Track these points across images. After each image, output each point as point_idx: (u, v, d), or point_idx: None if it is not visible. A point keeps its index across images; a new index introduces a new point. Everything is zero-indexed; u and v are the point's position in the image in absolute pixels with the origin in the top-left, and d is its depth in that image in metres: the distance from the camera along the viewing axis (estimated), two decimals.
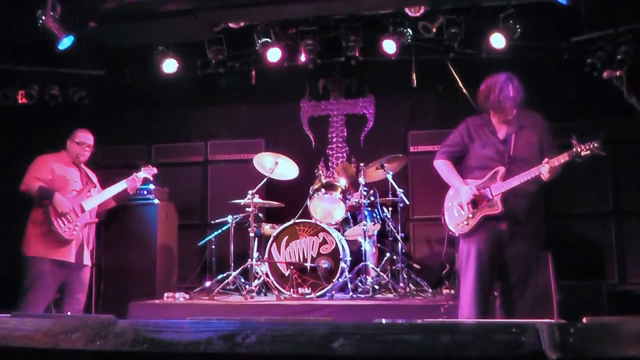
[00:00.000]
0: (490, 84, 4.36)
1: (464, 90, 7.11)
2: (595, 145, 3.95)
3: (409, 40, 6.99)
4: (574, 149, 4.00)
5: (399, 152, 6.76)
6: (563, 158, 4.03)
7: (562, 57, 6.75)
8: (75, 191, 5.18)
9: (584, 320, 2.60)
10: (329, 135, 8.03)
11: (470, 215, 4.34)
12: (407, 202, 6.36)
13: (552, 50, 6.80)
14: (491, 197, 4.27)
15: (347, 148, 7.96)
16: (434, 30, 6.77)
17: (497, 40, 6.64)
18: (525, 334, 2.25)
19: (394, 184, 6.37)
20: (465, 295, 4.28)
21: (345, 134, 8.00)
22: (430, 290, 6.11)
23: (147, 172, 5.72)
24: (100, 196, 5.35)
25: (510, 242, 4.24)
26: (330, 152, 7.99)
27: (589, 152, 3.97)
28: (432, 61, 7.24)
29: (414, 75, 7.23)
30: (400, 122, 7.78)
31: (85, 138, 5.36)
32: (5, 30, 6.48)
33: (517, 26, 6.55)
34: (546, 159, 4.06)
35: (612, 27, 6.35)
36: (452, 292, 6.03)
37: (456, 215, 4.46)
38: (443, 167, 4.62)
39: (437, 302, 5.58)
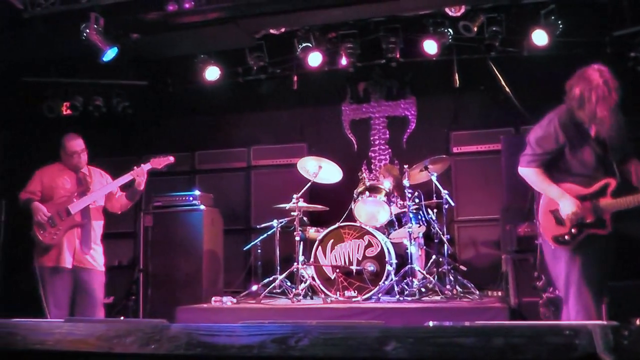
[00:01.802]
0: (580, 74, 3.85)
1: (507, 89, 7.09)
2: None
3: (450, 40, 7.00)
4: None
5: (442, 153, 6.80)
6: None
7: (604, 51, 6.65)
8: (65, 197, 5.14)
9: (638, 322, 2.58)
10: (371, 138, 8.09)
11: (574, 231, 3.84)
12: (452, 204, 6.34)
13: (594, 45, 6.72)
14: (601, 214, 3.78)
15: (389, 150, 8.00)
16: (475, 29, 6.75)
17: (539, 37, 6.61)
18: (579, 336, 2.25)
19: (438, 185, 6.38)
20: (571, 312, 3.85)
21: (387, 136, 8.04)
22: (477, 292, 6.09)
23: (156, 164, 5.45)
24: (93, 196, 5.19)
25: (620, 266, 3.87)
26: (373, 155, 8.04)
27: None
28: (474, 61, 7.25)
29: (456, 75, 7.24)
30: (443, 123, 7.81)
31: (73, 147, 5.21)
32: (50, 44, 6.67)
33: (559, 22, 6.52)
34: None
35: None
36: (501, 294, 6.05)
37: (556, 225, 3.92)
38: (534, 176, 4.01)
39: (485, 304, 5.59)
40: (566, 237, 3.85)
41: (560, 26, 6.54)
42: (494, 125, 7.44)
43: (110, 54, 6.38)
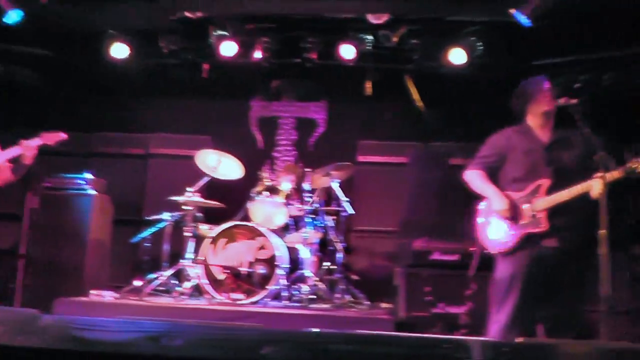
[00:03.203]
0: (527, 82, 4.37)
1: (419, 104, 7.21)
2: None
3: (369, 48, 7.02)
4: (630, 164, 3.80)
5: (348, 161, 6.77)
6: (617, 174, 3.82)
7: (521, 79, 6.83)
8: None
9: (518, 340, 2.68)
10: (277, 138, 8.04)
11: (512, 233, 4.17)
12: (352, 212, 6.38)
13: (513, 71, 6.85)
14: (534, 212, 4.11)
15: (295, 152, 7.98)
16: (395, 39, 6.83)
17: (457, 56, 6.79)
18: (458, 350, 2.32)
19: (339, 192, 6.38)
20: (502, 321, 4.12)
21: (295, 137, 8.02)
22: (366, 303, 6.15)
23: (47, 139, 5.32)
24: None
25: (557, 262, 4.08)
26: (277, 155, 7.99)
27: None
28: (390, 71, 7.33)
29: (369, 83, 7.31)
30: (352, 131, 7.84)
31: None
32: None
33: (479, 44, 6.70)
34: (599, 173, 3.80)
35: (574, 54, 6.58)
36: (392, 306, 6.11)
37: (493, 231, 4.28)
38: (476, 177, 4.45)
39: (373, 315, 5.65)
40: (504, 240, 4.17)
41: (480, 48, 6.71)
42: (403, 138, 7.53)
43: (13, 16, 6.05)
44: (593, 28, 6.22)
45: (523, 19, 5.62)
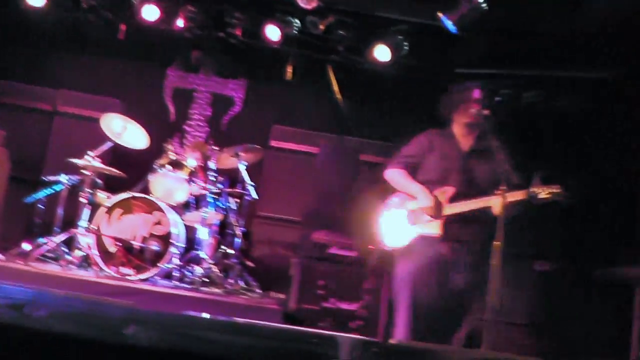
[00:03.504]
0: (457, 88, 4.49)
1: (338, 96, 7.23)
2: (556, 191, 3.86)
3: (295, 32, 6.96)
4: (533, 189, 3.90)
5: (260, 145, 6.69)
6: (519, 195, 3.92)
7: (444, 84, 6.91)
8: None
9: (391, 341, 2.70)
10: (191, 112, 7.87)
11: (409, 232, 4.31)
12: (256, 197, 6.31)
13: (435, 76, 6.95)
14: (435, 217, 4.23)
15: (207, 128, 7.84)
16: (322, 27, 6.79)
17: (382, 53, 6.80)
18: (325, 346, 2.32)
19: (245, 175, 6.30)
20: (401, 318, 4.23)
21: (209, 113, 7.88)
22: (259, 291, 6.11)
23: None
24: None
25: (453, 269, 4.19)
26: (188, 130, 7.83)
27: (548, 195, 3.87)
28: (313, 59, 7.28)
29: (290, 68, 7.26)
30: (268, 114, 7.78)
31: None
32: None
33: (406, 44, 6.75)
34: (500, 191, 3.88)
35: (498, 68, 6.73)
36: (284, 297, 6.11)
37: (393, 230, 4.41)
38: (399, 175, 4.51)
39: (262, 304, 5.60)
40: (400, 238, 4.30)
41: (406, 48, 6.76)
42: (318, 128, 7.55)
43: None
44: (519, 45, 6.40)
45: (450, 25, 5.67)
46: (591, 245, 6.63)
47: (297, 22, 6.90)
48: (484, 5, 5.38)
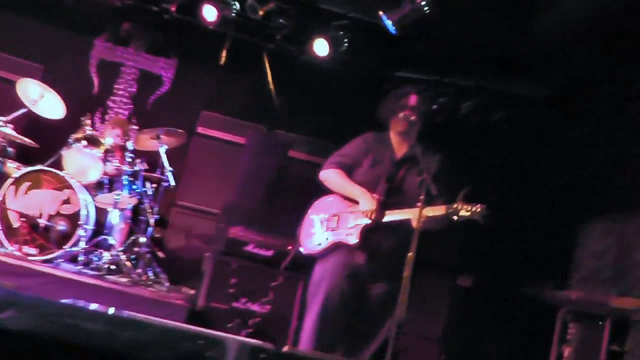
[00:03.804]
0: (395, 94, 4.56)
1: (272, 86, 7.26)
2: (478, 209, 3.88)
3: (233, 15, 6.88)
4: (455, 205, 3.93)
5: (186, 129, 6.65)
6: (439, 210, 3.99)
7: (383, 85, 6.82)
8: None
9: (285, 348, 2.76)
10: (116, 86, 7.76)
11: (326, 237, 4.37)
12: (173, 184, 6.26)
13: (374, 76, 7.14)
14: (353, 225, 4.29)
15: (131, 106, 7.75)
16: (261, 13, 6.76)
17: (321, 47, 6.83)
18: (211, 348, 2.35)
19: (165, 159, 6.25)
20: (309, 324, 4.29)
21: (134, 90, 7.80)
22: (167, 285, 6.07)
23: None
24: None
25: (369, 280, 4.28)
26: (111, 105, 7.72)
27: (468, 214, 3.90)
28: (250, 45, 7.26)
29: (225, 52, 7.24)
30: (197, 98, 7.75)
31: None
32: None
33: (346, 40, 6.78)
34: (419, 204, 3.93)
35: (439, 74, 6.87)
36: (193, 293, 6.14)
37: (313, 231, 4.47)
38: (335, 176, 4.51)
39: (168, 298, 5.60)
40: (317, 242, 4.37)
41: (346, 44, 6.79)
42: (248, 118, 7.56)
43: None
44: (462, 54, 6.51)
45: (389, 25, 5.73)
46: (518, 264, 6.83)
47: (236, 5, 6.80)
48: (426, 8, 5.43)
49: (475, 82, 6.83)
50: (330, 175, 4.53)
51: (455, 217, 3.95)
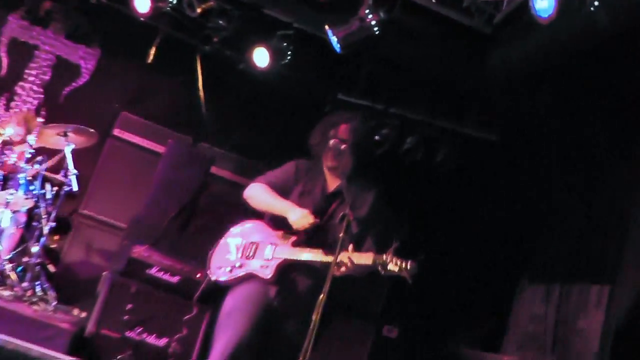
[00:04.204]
0: (323, 122, 4.52)
1: (201, 93, 7.25)
2: (408, 267, 3.85)
3: (168, 9, 6.85)
4: (383, 257, 3.90)
5: (99, 130, 6.62)
6: (365, 259, 3.98)
7: (322, 107, 7.03)
8: None
9: None
10: (27, 71, 7.65)
11: (238, 264, 4.33)
12: (76, 189, 6.17)
13: (316, 96, 7.21)
14: (270, 258, 4.25)
15: (41, 96, 7.66)
16: (199, 10, 6.74)
17: (261, 56, 6.87)
18: None
19: (70, 161, 6.16)
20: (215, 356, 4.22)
21: (48, 78, 7.69)
22: (54, 303, 5.93)
23: None
24: None
25: (280, 317, 4.26)
26: (19, 92, 7.61)
27: (396, 269, 3.87)
28: (183, 45, 7.29)
29: (153, 50, 7.25)
30: (118, 96, 7.70)
31: None
32: None
33: (289, 52, 6.84)
34: (348, 250, 3.97)
35: (384, 103, 6.99)
36: (84, 316, 6.04)
37: (227, 257, 4.41)
38: (262, 191, 4.46)
39: (52, 320, 5.50)
40: (229, 269, 4.31)
41: (289, 57, 6.86)
42: (171, 125, 7.53)
43: None
44: (410, 85, 6.74)
45: (334, 41, 5.78)
46: (448, 319, 7.01)
47: None
48: (375, 28, 5.50)
49: (422, 117, 6.96)
50: (256, 191, 4.50)
51: (382, 271, 3.93)
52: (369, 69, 6.76)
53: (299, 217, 4.22)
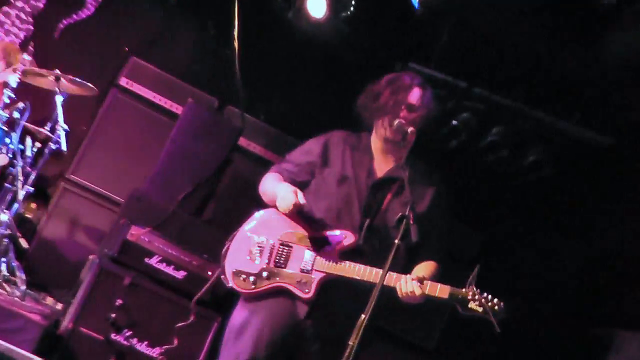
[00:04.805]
0: (390, 80, 4.28)
1: (236, 45, 7.05)
2: (496, 309, 3.70)
3: None
4: (464, 291, 3.75)
5: (102, 77, 6.55)
6: (441, 292, 3.82)
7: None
8: None
9: None
10: None
11: (265, 274, 4.12)
12: (64, 149, 5.90)
13: (380, 63, 6.76)
14: (309, 269, 4.07)
15: (31, 27, 7.40)
16: None
17: (316, 4, 6.69)
18: None
19: (60, 112, 5.90)
20: None
21: (42, 5, 7.41)
22: (23, 288, 5.71)
23: None
24: None
25: (309, 343, 4.12)
26: (3, 19, 7.34)
27: (480, 309, 3.73)
28: None
29: None
30: (129, 38, 7.50)
31: None
32: None
33: (353, 3, 6.60)
34: (420, 276, 3.83)
35: (470, 81, 6.71)
36: (60, 308, 5.95)
37: (246, 259, 4.21)
38: (268, 178, 4.38)
39: (21, 308, 5.35)
40: (251, 278, 4.11)
41: (351, 9, 6.62)
42: (193, 81, 7.32)
43: None
44: (503, 64, 6.47)
45: None
46: None
47: None
48: None
49: (515, 105, 6.66)
50: (264, 184, 4.41)
51: (460, 309, 3.79)
52: (451, 35, 6.43)
53: (288, 200, 4.03)
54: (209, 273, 5.61)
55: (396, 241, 3.65)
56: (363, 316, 3.53)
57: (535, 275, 6.84)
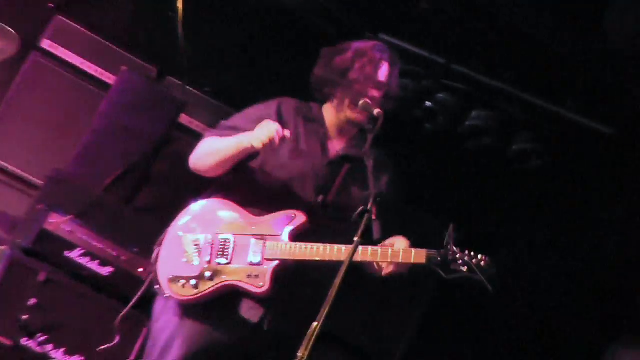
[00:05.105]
0: (357, 51, 4.26)
1: (180, 5, 6.75)
2: (483, 265, 3.73)
3: None
4: (443, 252, 3.78)
5: (19, 32, 6.01)
6: (417, 258, 3.82)
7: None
8: None
9: None
10: None
11: (207, 274, 3.98)
12: None
13: (347, 33, 6.65)
14: (259, 260, 3.97)
15: None
16: None
17: None
18: None
19: None
20: None
21: None
22: None
23: None
24: None
25: (266, 349, 4.10)
26: None
27: (464, 269, 3.75)
28: None
29: None
30: None
31: None
32: None
33: None
34: (402, 243, 3.88)
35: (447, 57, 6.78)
36: None
37: (182, 261, 4.06)
38: (207, 142, 4.26)
39: None
40: (192, 281, 3.97)
41: None
42: (129, 46, 7.12)
43: None
44: (483, 37, 6.54)
45: None
46: None
47: None
48: None
49: (501, 84, 6.64)
50: (201, 149, 4.29)
51: (443, 273, 3.80)
52: (430, 2, 6.41)
53: (262, 129, 3.90)
54: (140, 270, 5.46)
55: (355, 239, 3.47)
56: (315, 323, 3.26)
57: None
